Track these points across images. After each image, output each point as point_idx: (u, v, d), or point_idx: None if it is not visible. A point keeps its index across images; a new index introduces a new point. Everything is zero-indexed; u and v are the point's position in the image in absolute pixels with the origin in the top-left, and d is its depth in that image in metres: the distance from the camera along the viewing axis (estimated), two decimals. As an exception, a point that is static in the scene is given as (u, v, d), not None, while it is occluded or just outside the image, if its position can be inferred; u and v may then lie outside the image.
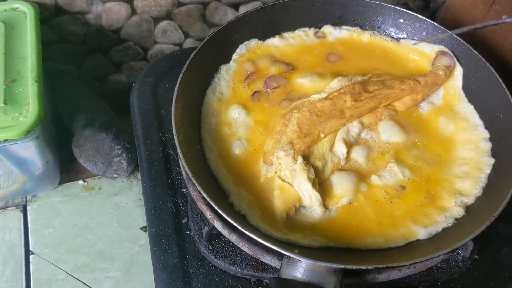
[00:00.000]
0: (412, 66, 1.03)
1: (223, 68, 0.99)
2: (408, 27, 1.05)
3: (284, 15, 1.04)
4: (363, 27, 1.07)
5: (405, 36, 1.06)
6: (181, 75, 0.89)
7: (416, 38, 1.05)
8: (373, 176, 0.86)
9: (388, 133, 0.91)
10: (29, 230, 1.05)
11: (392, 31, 1.07)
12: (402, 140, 0.91)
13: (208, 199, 0.75)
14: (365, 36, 1.06)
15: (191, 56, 0.92)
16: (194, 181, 0.76)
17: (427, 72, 0.99)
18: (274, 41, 1.04)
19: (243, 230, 0.73)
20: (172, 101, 0.85)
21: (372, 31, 1.07)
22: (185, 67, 0.90)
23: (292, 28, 1.06)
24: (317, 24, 1.07)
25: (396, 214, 0.83)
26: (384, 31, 1.07)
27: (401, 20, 1.05)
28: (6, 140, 0.88)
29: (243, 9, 1.27)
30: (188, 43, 1.30)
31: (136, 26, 1.21)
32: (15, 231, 1.05)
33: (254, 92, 0.96)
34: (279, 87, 0.97)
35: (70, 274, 1.00)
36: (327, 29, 1.06)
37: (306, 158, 0.84)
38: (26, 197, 1.09)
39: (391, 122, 0.92)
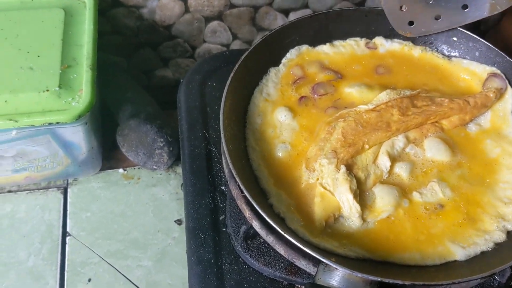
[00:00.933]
0: (463, 85, 1.01)
1: (272, 71, 0.99)
2: (461, 45, 1.04)
3: (337, 24, 1.04)
4: (415, 42, 1.06)
5: (457, 54, 1.04)
6: (232, 75, 0.90)
7: (468, 58, 1.03)
8: (414, 192, 0.85)
9: (433, 151, 0.90)
10: (68, 212, 1.08)
11: (444, 48, 1.05)
12: (447, 159, 0.89)
13: (249, 198, 0.75)
14: (417, 51, 1.05)
15: (243, 56, 0.93)
16: (237, 179, 0.77)
17: (477, 93, 0.98)
18: (324, 48, 1.04)
19: (282, 233, 0.73)
20: (222, 99, 0.86)
21: (424, 47, 1.05)
22: (236, 67, 0.91)
23: (344, 37, 1.05)
24: (368, 35, 1.06)
25: (434, 232, 0.81)
26: (436, 48, 1.05)
27: (455, 38, 1.04)
28: (58, 123, 0.91)
29: (293, 16, 1.28)
30: (235, 45, 1.32)
31: (187, 24, 1.24)
32: (54, 212, 1.08)
33: (301, 97, 0.96)
34: (326, 94, 0.97)
35: (103, 259, 1.02)
36: (379, 40, 1.06)
37: (349, 168, 0.84)
38: (67, 180, 1.12)
39: (437, 140, 0.91)
